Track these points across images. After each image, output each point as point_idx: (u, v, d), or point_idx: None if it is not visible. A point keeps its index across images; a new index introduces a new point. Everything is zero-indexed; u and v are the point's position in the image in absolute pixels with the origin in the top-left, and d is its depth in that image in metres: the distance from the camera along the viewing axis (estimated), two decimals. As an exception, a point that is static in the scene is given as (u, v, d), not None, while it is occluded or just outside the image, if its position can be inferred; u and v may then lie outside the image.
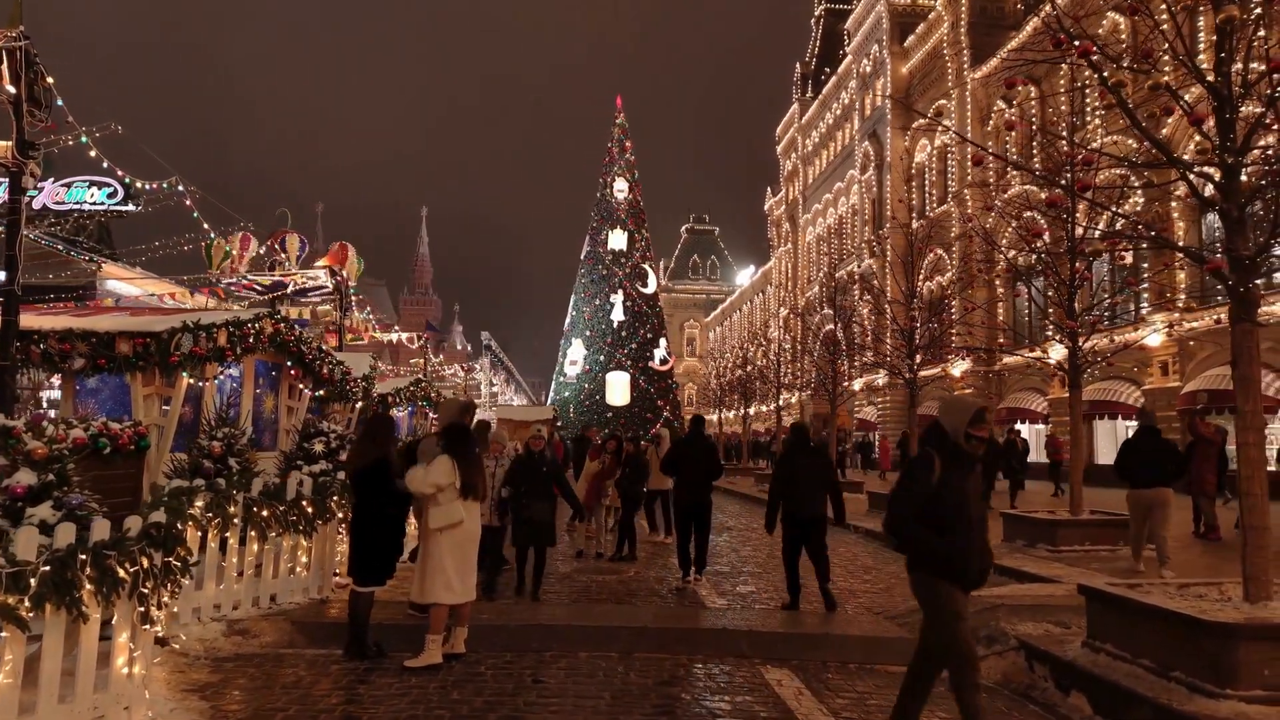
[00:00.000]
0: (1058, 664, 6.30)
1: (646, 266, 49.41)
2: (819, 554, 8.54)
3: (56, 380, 10.99)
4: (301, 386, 13.20)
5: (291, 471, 9.93)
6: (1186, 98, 6.12)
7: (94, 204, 43.08)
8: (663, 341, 48.93)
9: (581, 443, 12.85)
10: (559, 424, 38.92)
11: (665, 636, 7.00)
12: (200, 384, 10.81)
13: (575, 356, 47.65)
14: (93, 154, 11.60)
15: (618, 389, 46.35)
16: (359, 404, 16.62)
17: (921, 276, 38.36)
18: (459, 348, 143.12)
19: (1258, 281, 5.96)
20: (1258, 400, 6.00)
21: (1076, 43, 6.23)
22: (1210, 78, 6.06)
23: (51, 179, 40.75)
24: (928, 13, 42.77)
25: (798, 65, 64.55)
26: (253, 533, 7.29)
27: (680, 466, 10.19)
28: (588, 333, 47.57)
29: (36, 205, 41.08)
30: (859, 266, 45.79)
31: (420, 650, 6.36)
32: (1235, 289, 5.95)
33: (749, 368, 38.51)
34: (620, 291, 47.62)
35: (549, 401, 50.49)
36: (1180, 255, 6.78)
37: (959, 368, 39.04)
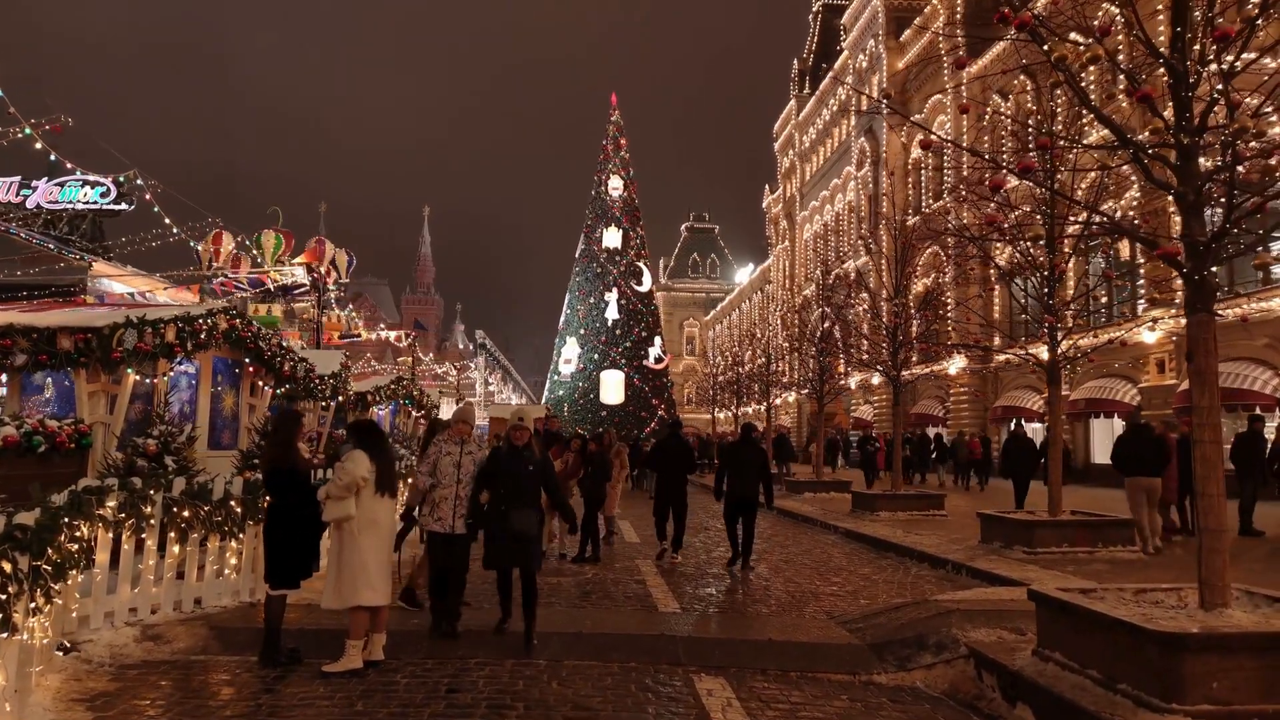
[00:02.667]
0: (1005, 673, 5.98)
1: (641, 264, 49.11)
2: (749, 528, 11.31)
3: (3, 377, 10.73)
4: (262, 383, 12.94)
5: (246, 471, 9.67)
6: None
7: (87, 203, 42.76)
8: (658, 340, 48.63)
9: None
10: (550, 422, 38.57)
11: (600, 643, 6.70)
12: (149, 381, 10.56)
13: (570, 355, 47.37)
14: (38, 146, 11.27)
15: (612, 387, 46.05)
16: (330, 402, 16.37)
17: (917, 273, 38.13)
18: (461, 347, 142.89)
19: (1224, 270, 5.61)
20: (1215, 395, 5.67)
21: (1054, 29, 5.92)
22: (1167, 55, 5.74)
23: (45, 178, 40.49)
24: (923, 7, 42.37)
25: (795, 61, 64.15)
26: (172, 534, 7.00)
27: (660, 463, 12.08)
28: (582, 331, 47.29)
29: (30, 204, 40.73)
30: (855, 263, 45.39)
31: (340, 655, 6.09)
32: (1191, 276, 5.63)
33: (743, 368, 38.12)
34: (615, 289, 47.32)
35: (544, 400, 50.21)
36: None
37: (955, 366, 38.68)
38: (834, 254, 51.60)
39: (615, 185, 49.16)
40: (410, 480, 11.39)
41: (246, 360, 12.23)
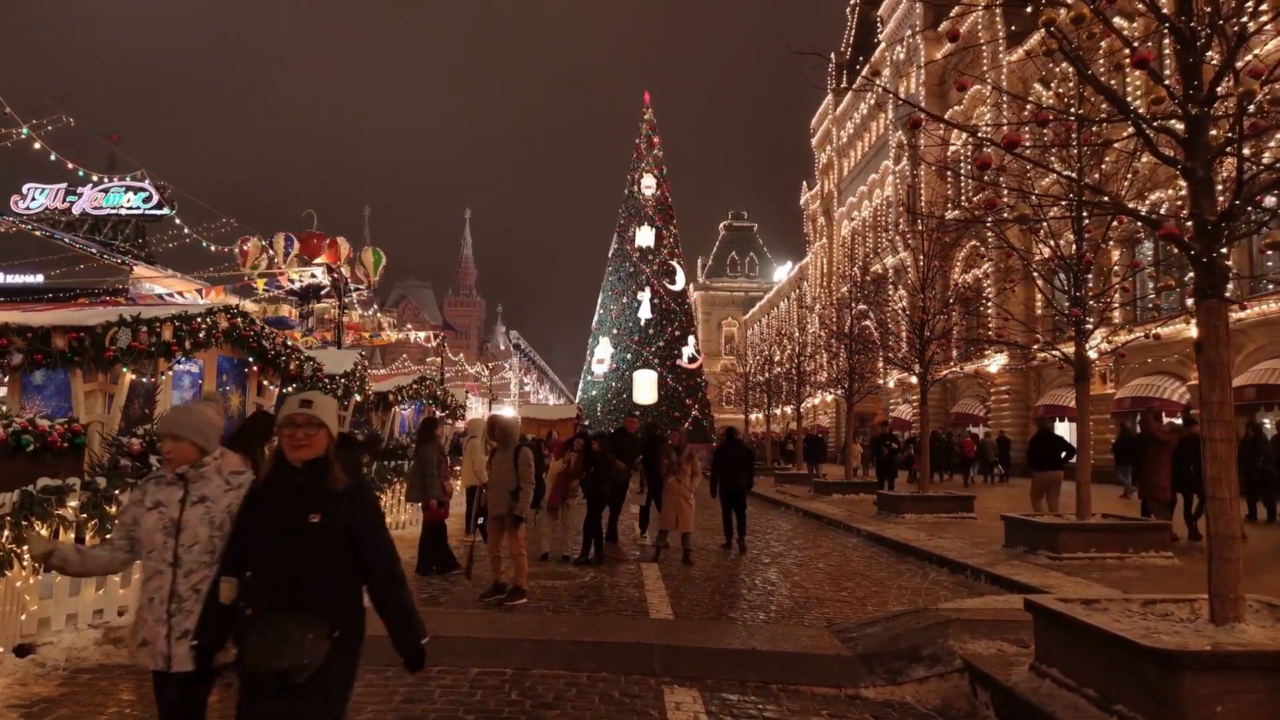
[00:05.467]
0: (998, 689, 5.55)
1: (675, 263, 48.72)
2: (740, 513, 13.21)
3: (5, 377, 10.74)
4: (267, 382, 12.83)
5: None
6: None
7: (130, 209, 43.82)
8: (691, 339, 48.19)
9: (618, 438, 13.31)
10: (585, 423, 38.40)
11: (572, 650, 6.38)
12: (146, 380, 10.48)
13: (603, 355, 47.15)
14: (37, 146, 11.25)
15: (645, 387, 45.72)
16: (346, 402, 16.28)
17: (955, 268, 37.18)
18: (503, 348, 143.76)
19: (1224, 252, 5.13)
20: (1227, 389, 5.19)
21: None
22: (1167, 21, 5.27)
23: (90, 184, 41.49)
24: (962, -4, 41.44)
25: (832, 55, 63.18)
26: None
27: (646, 464, 13.05)
28: (615, 331, 47.01)
29: (76, 210, 41.81)
30: (892, 259, 44.55)
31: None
32: (1199, 258, 5.15)
33: (775, 370, 37.51)
34: (648, 289, 47.00)
35: (577, 400, 50.04)
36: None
37: (995, 364, 37.76)
38: (871, 250, 50.75)
39: (648, 184, 48.86)
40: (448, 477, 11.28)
41: (250, 359, 12.12)
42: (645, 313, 46.78)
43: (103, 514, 6.48)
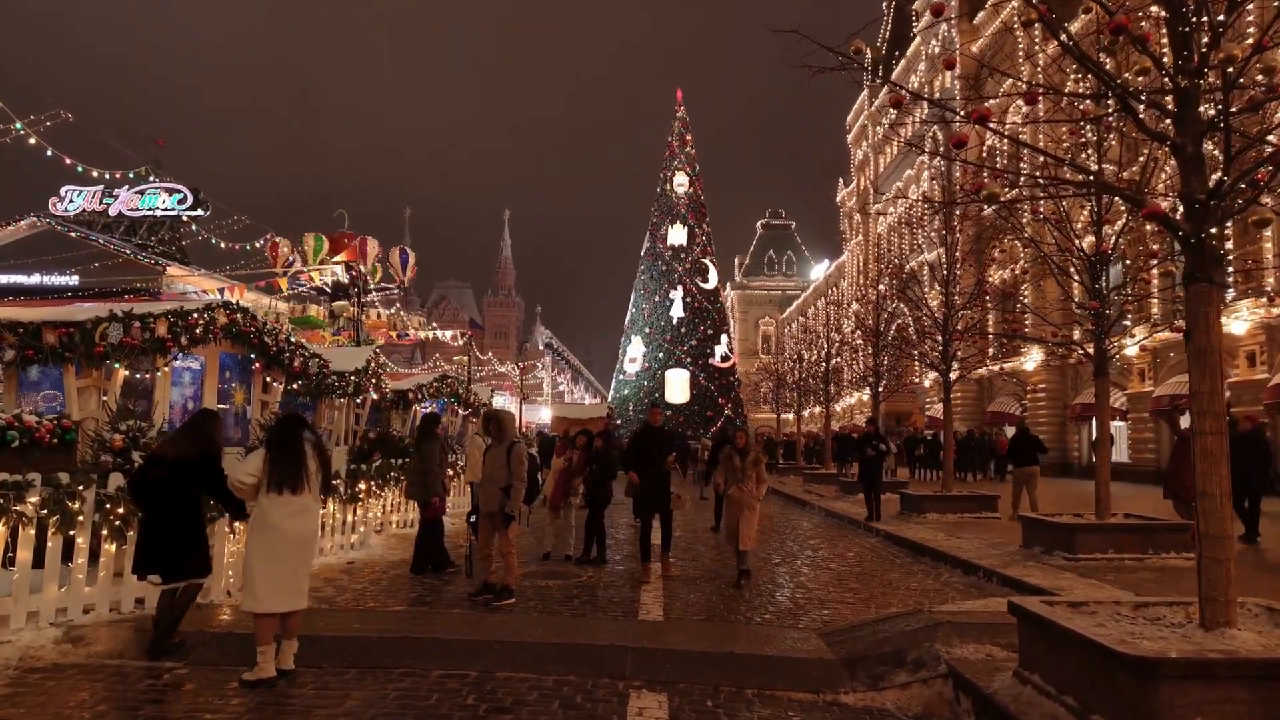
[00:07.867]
0: (979, 696, 5.25)
1: (707, 262, 48.36)
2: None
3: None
4: (270, 379, 12.79)
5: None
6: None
7: (165, 210, 44.46)
8: (724, 338, 47.76)
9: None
10: (618, 422, 38.25)
11: (543, 653, 6.17)
12: (141, 376, 10.47)
13: (634, 354, 46.95)
14: (32, 141, 11.29)
15: (677, 386, 45.42)
16: (363, 399, 16.25)
17: (992, 265, 36.35)
18: (540, 348, 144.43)
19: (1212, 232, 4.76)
20: (1217, 379, 4.83)
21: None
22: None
23: (126, 186, 42.19)
24: (997, -13, 40.56)
25: (868, 50, 62.26)
26: (105, 532, 6.75)
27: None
28: (647, 329, 46.78)
29: (113, 212, 42.52)
30: (928, 256, 43.73)
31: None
32: (1188, 239, 4.80)
33: (805, 368, 36.95)
34: (680, 287, 46.68)
35: (609, 399, 49.86)
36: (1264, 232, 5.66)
37: (1031, 362, 36.94)
38: (907, 247, 49.99)
39: (680, 182, 48.56)
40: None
41: (252, 356, 12.08)
42: (677, 311, 46.49)
43: (64, 510, 6.40)
